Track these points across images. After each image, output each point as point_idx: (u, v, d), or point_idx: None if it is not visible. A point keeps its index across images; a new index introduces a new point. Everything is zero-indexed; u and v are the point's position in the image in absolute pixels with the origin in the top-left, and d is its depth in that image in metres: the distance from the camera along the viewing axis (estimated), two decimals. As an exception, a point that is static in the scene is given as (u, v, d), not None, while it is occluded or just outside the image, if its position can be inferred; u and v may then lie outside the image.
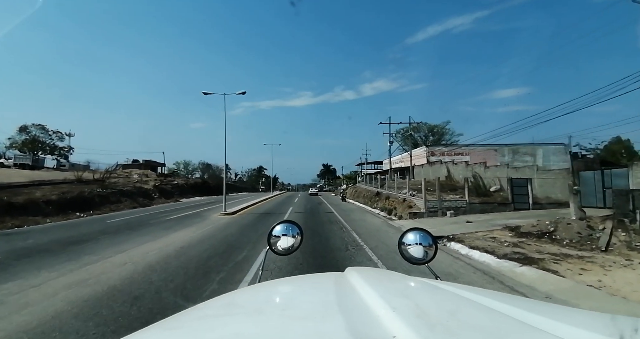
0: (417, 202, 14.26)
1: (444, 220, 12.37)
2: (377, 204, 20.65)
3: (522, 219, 11.04)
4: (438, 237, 9.08)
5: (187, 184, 36.85)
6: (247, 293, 1.08)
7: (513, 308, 0.67)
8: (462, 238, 8.99)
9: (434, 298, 0.79)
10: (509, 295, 0.88)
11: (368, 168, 57.29)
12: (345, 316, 0.60)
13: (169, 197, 29.38)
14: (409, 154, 33.48)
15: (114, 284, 4.86)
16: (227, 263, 6.21)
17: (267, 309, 0.76)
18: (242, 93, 15.63)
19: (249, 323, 0.67)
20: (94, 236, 9.63)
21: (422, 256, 1.36)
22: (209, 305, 0.88)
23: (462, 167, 23.56)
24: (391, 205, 17.24)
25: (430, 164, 30.21)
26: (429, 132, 49.29)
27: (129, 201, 23.52)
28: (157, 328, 0.71)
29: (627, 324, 0.58)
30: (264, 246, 1.67)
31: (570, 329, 0.57)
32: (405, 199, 15.46)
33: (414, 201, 14.74)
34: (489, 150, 33.42)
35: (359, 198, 27.07)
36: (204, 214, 16.06)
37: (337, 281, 0.93)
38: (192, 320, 0.75)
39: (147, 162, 58.28)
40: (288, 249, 1.47)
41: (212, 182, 47.85)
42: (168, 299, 4.26)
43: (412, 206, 14.39)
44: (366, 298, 0.71)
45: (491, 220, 11.54)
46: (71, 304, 4.03)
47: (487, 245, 7.93)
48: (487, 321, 0.62)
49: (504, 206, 13.58)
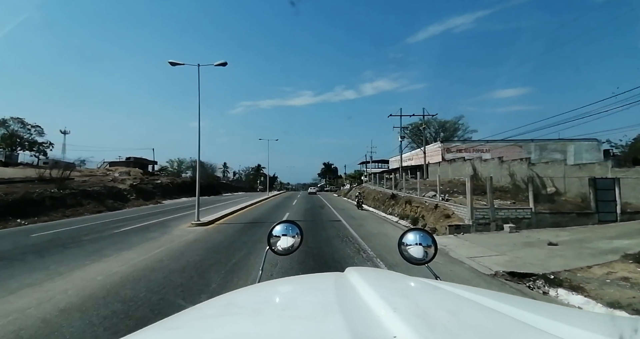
0: (458, 211, 10.43)
1: (506, 238, 8.55)
2: (392, 209, 16.83)
3: (634, 240, 7.26)
4: (527, 276, 5.46)
5: (173, 183, 32.96)
6: (246, 292, 1.04)
7: (514, 309, 0.67)
8: (574, 280, 5.26)
9: (435, 298, 0.78)
10: (510, 295, 0.86)
11: (372, 167, 53.40)
12: (346, 316, 0.59)
13: (148, 199, 25.58)
14: (423, 150, 29.57)
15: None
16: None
17: (266, 310, 0.75)
18: (222, 64, 11.82)
19: (248, 323, 0.66)
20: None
21: (422, 257, 1.35)
22: (208, 305, 0.87)
23: (494, 164, 19.68)
24: (415, 212, 13.42)
25: (449, 162, 26.36)
26: (439, 128, 45.41)
27: (93, 203, 19.70)
28: (156, 328, 0.70)
29: (627, 324, 0.57)
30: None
31: (570, 329, 0.57)
32: (438, 205, 11.63)
33: (451, 208, 10.91)
34: (512, 146, 29.53)
35: (368, 201, 23.24)
36: (170, 223, 12.24)
37: (337, 281, 0.92)
38: (192, 320, 0.74)
39: (136, 159, 54.75)
40: (288, 249, 1.45)
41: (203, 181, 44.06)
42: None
43: (450, 215, 10.57)
44: (366, 298, 0.70)
45: (584, 241, 7.72)
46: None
47: (631, 298, 4.25)
48: (488, 321, 0.61)
49: (584, 217, 9.74)
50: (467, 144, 31.11)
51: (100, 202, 20.28)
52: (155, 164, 59.30)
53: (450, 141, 33.68)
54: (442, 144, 32.25)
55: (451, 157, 30.92)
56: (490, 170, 19.45)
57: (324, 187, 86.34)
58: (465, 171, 22.15)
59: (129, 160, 54.67)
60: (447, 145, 32.05)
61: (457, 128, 44.62)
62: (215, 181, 54.80)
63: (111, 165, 50.51)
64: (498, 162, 19.25)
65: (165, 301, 4.22)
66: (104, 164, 51.21)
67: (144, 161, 56.59)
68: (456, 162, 24.95)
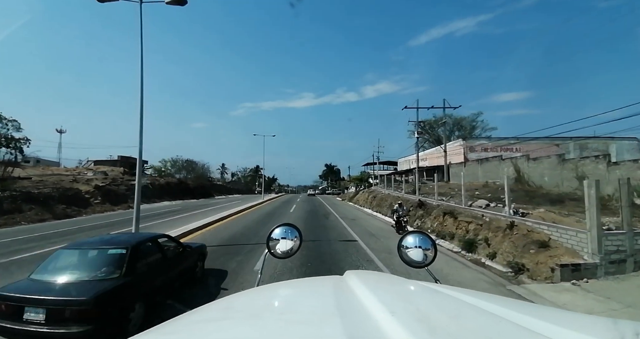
0: (562, 237, 6.17)
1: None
2: (421, 222, 12.58)
3: None
4: None
5: (154, 184, 28.71)
6: (245, 296, 1.03)
7: (514, 312, 0.66)
8: None
9: (435, 301, 0.77)
10: (510, 299, 0.85)
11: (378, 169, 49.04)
12: (344, 320, 0.58)
13: (118, 203, 21.37)
14: (443, 148, 25.31)
15: None
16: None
17: (265, 313, 0.75)
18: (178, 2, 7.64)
19: (246, 327, 0.65)
20: None
21: (422, 259, 1.34)
22: (207, 309, 0.85)
23: (550, 164, 15.32)
24: (465, 230, 9.18)
25: (479, 161, 22.05)
26: (454, 126, 41.09)
27: (37, 209, 15.50)
28: (154, 332, 0.69)
29: (628, 328, 0.57)
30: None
31: (571, 333, 0.56)
32: (515, 223, 7.33)
33: (545, 231, 6.64)
34: (548, 145, 25.19)
35: (382, 208, 18.98)
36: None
37: (336, 285, 0.90)
38: (190, 324, 0.73)
39: (124, 158, 50.60)
40: (287, 252, 1.45)
41: (192, 182, 39.76)
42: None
43: (546, 242, 6.30)
44: (366, 302, 0.69)
45: None
46: None
47: None
48: (488, 325, 0.60)
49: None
50: (494, 142, 26.78)
51: (48, 208, 16.08)
52: (146, 163, 55.44)
53: (474, 139, 29.33)
54: (464, 141, 27.98)
55: (475, 156, 26.68)
56: (545, 172, 15.16)
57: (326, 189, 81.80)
58: (501, 172, 17.90)
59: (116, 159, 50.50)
60: (471, 143, 27.79)
61: (474, 126, 40.30)
62: (208, 183, 50.43)
63: (96, 164, 46.55)
64: (557, 160, 14.92)
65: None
66: (87, 163, 47.36)
67: (133, 160, 52.41)
68: (489, 161, 20.64)
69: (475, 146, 27.27)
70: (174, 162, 56.30)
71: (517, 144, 26.18)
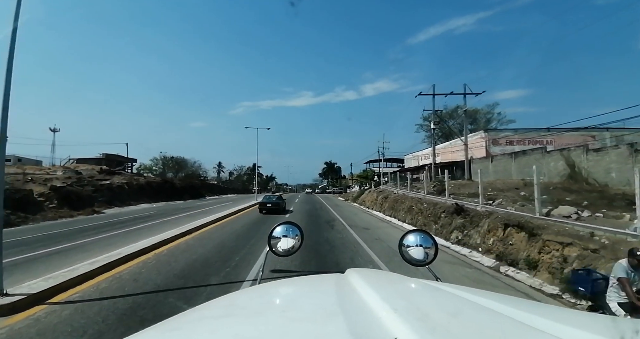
0: None
1: None
2: (464, 235, 9.13)
3: None
4: None
5: (132, 184, 25.10)
6: (247, 294, 1.05)
7: (515, 310, 0.66)
8: None
9: (436, 299, 0.77)
10: (511, 297, 0.84)
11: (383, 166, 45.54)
12: (346, 317, 0.59)
13: (82, 207, 17.83)
14: (464, 141, 21.80)
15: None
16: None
17: (267, 311, 0.74)
18: None
19: (248, 325, 0.65)
20: None
21: (423, 258, 1.32)
22: (208, 307, 0.84)
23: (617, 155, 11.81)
24: (562, 257, 5.72)
25: (513, 155, 18.53)
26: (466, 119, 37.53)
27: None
28: (156, 329, 0.68)
29: (628, 326, 0.57)
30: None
31: (572, 331, 0.56)
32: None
33: None
34: (583, 136, 21.73)
35: (399, 213, 15.53)
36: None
37: (337, 283, 0.89)
38: (192, 322, 0.72)
39: (109, 156, 47.07)
40: (288, 250, 1.44)
41: (180, 181, 36.15)
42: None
43: None
44: (367, 299, 0.69)
45: None
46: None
47: None
48: (489, 323, 0.60)
49: None
50: (521, 134, 23.29)
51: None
52: (134, 162, 51.83)
53: (497, 130, 25.82)
54: (486, 134, 24.50)
55: (499, 150, 23.24)
56: (612, 166, 11.70)
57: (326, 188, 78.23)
58: (546, 168, 14.47)
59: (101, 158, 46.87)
60: (493, 135, 24.31)
61: (489, 119, 36.83)
62: (199, 182, 46.80)
63: (78, 162, 43.00)
64: (627, 151, 11.44)
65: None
66: (69, 161, 43.88)
67: (120, 158, 48.78)
68: (526, 154, 17.15)
69: (499, 138, 23.81)
70: (165, 160, 52.75)
71: (548, 136, 22.78)
